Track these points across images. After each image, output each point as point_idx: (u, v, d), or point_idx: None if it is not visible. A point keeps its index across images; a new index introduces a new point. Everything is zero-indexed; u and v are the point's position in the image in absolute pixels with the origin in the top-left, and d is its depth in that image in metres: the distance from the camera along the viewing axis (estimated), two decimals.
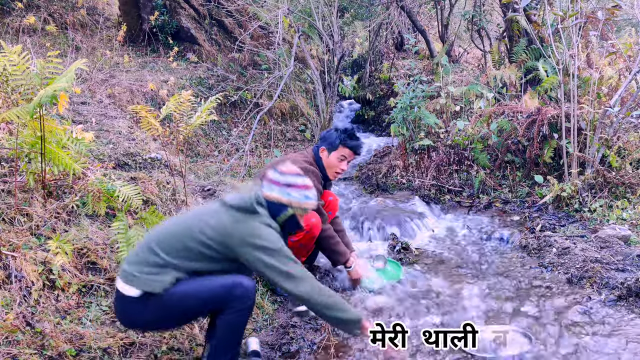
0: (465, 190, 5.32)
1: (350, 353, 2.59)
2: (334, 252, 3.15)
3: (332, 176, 3.19)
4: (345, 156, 3.14)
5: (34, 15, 6.81)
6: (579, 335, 2.63)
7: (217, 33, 9.03)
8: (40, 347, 2.02)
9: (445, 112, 6.22)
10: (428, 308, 3.06)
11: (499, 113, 5.51)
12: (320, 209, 3.09)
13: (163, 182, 3.65)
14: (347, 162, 3.17)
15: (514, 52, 6.78)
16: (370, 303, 3.10)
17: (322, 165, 3.16)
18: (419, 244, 4.24)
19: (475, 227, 4.49)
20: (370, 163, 6.48)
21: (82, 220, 2.82)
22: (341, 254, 3.16)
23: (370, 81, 10.30)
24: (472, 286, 3.35)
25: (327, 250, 3.19)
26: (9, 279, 2.22)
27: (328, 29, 8.11)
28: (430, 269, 3.71)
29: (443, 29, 9.58)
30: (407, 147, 5.84)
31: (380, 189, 5.58)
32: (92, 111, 4.86)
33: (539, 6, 6.35)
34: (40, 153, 2.64)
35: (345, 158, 3.15)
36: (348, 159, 3.16)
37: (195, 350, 2.39)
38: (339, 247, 3.16)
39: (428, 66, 9.39)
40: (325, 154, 3.15)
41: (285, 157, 3.21)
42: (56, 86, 2.39)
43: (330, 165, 3.14)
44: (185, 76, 7.22)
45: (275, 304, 3.02)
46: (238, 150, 6.39)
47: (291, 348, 2.55)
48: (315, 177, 3.03)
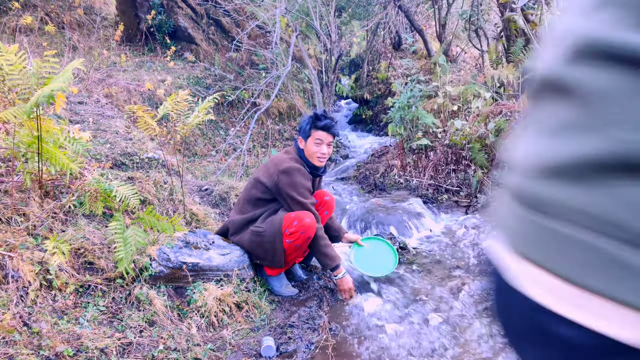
0: (463, 190, 5.33)
1: (348, 353, 2.59)
2: (323, 254, 3.04)
3: (317, 162, 3.09)
4: (320, 139, 3.04)
5: (31, 14, 6.80)
6: None
7: (215, 32, 9.02)
8: (37, 347, 2.01)
9: (443, 111, 6.23)
10: (425, 309, 3.07)
11: (496, 113, 5.52)
12: (311, 208, 3.03)
13: (160, 181, 3.64)
14: (325, 144, 3.06)
15: (512, 51, 6.79)
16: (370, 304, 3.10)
17: (305, 157, 3.09)
18: (417, 243, 4.24)
19: (472, 227, 4.49)
20: (367, 163, 6.49)
21: (79, 220, 2.81)
22: (331, 257, 3.05)
23: (368, 81, 10.31)
24: (469, 286, 3.36)
25: (317, 252, 3.08)
26: (6, 279, 2.21)
27: (326, 29, 8.11)
28: (428, 269, 3.71)
29: (440, 29, 9.60)
30: (405, 147, 5.84)
31: (377, 188, 5.59)
32: (89, 111, 4.85)
33: (537, 6, 6.36)
34: (37, 153, 2.63)
35: (321, 141, 3.05)
36: (325, 141, 3.05)
37: (192, 350, 2.38)
38: (330, 250, 3.05)
39: (426, 66, 9.40)
40: (303, 144, 3.09)
41: (272, 158, 3.17)
42: (53, 86, 2.38)
43: (310, 153, 3.06)
44: (183, 76, 7.21)
45: (273, 304, 3.02)
46: (235, 150, 6.38)
47: (289, 348, 2.55)
48: (301, 175, 2.97)
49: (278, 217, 2.97)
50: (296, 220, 2.90)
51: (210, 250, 2.98)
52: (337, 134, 3.11)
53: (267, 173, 3.05)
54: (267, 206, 3.07)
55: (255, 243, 3.01)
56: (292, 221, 2.91)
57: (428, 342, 2.68)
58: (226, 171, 5.50)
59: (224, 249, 3.04)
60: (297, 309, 2.92)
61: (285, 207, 3.03)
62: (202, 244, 2.99)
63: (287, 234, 2.91)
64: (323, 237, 3.06)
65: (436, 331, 2.79)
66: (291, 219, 2.92)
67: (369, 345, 2.65)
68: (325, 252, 3.03)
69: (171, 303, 2.63)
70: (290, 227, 2.90)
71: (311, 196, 3.06)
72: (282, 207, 3.04)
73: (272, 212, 3.04)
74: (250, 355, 2.46)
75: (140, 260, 2.62)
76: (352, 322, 2.92)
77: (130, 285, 2.55)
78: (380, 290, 3.33)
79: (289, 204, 2.98)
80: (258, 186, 3.07)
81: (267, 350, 2.46)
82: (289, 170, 2.96)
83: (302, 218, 2.89)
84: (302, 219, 2.89)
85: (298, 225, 2.89)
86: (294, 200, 2.95)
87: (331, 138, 3.08)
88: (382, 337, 2.75)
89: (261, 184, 3.05)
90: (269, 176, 3.02)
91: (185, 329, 2.53)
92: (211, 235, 3.18)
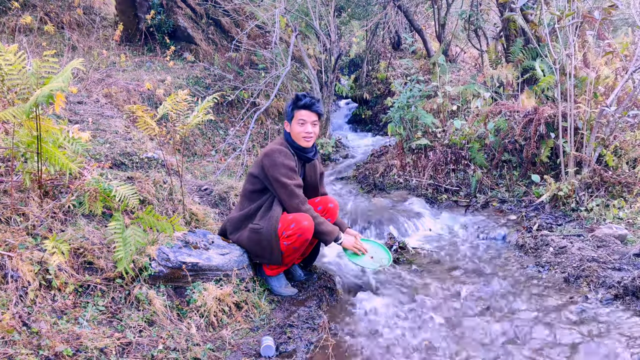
0: (462, 189, 5.33)
1: (347, 353, 2.59)
2: (320, 232, 3.03)
3: (303, 143, 3.08)
4: (303, 119, 3.06)
5: (30, 14, 6.79)
6: (576, 334, 2.63)
7: (214, 32, 9.02)
8: (36, 347, 2.01)
9: (443, 111, 6.23)
10: (425, 309, 3.07)
11: (496, 112, 5.52)
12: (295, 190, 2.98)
13: (160, 181, 3.64)
14: (310, 123, 3.07)
15: (511, 51, 6.79)
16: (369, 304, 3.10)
17: (291, 140, 3.11)
18: (416, 243, 4.24)
19: (472, 227, 4.50)
20: (367, 162, 6.49)
21: (78, 220, 2.81)
22: (328, 233, 3.05)
23: (368, 80, 10.31)
24: (468, 286, 3.36)
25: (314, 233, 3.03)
26: (5, 279, 2.21)
27: (325, 29, 8.11)
28: (427, 269, 3.71)
29: (440, 29, 9.60)
30: (404, 147, 5.84)
31: (377, 188, 5.59)
32: (89, 111, 4.85)
33: (536, 6, 6.37)
34: (37, 153, 2.63)
35: (305, 121, 3.06)
36: (308, 120, 3.06)
37: (191, 350, 2.38)
38: (324, 227, 3.05)
39: (425, 66, 9.41)
40: (288, 127, 3.13)
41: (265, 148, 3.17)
42: (52, 86, 2.38)
43: (295, 134, 3.08)
44: (182, 75, 7.21)
45: (273, 303, 3.02)
46: (235, 150, 6.38)
47: (288, 348, 2.54)
48: (283, 155, 2.99)
49: (274, 213, 2.96)
50: (294, 222, 2.89)
51: (209, 250, 2.98)
52: (320, 111, 3.11)
53: (255, 163, 3.10)
54: (261, 198, 3.06)
55: (253, 241, 3.00)
56: (289, 223, 2.90)
57: (427, 341, 2.68)
58: (226, 171, 5.50)
59: (224, 249, 3.04)
60: (297, 309, 2.92)
61: (274, 194, 3.02)
62: (201, 243, 2.99)
63: (284, 236, 2.90)
64: (314, 217, 3.02)
65: (436, 331, 2.79)
66: (288, 221, 2.91)
67: (369, 345, 2.65)
68: (321, 230, 3.03)
69: (170, 303, 2.63)
70: (287, 230, 2.89)
71: (296, 176, 3.03)
72: (276, 200, 3.01)
73: (267, 208, 3.02)
74: (250, 355, 2.46)
75: (139, 260, 2.62)
76: (352, 321, 2.92)
77: (130, 285, 2.55)
78: (379, 290, 3.33)
79: (275, 188, 2.97)
80: (250, 179, 3.11)
81: (266, 350, 2.47)
82: (270, 152, 3.01)
83: (300, 220, 2.89)
84: (299, 222, 2.88)
85: (295, 227, 2.88)
86: (278, 182, 2.94)
87: (315, 117, 3.09)
88: (381, 336, 2.75)
89: (252, 175, 3.09)
90: (257, 165, 3.07)
91: (184, 328, 2.53)
92: (211, 235, 3.18)
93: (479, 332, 2.76)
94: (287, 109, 3.16)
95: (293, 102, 3.13)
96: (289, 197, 2.97)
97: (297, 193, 2.99)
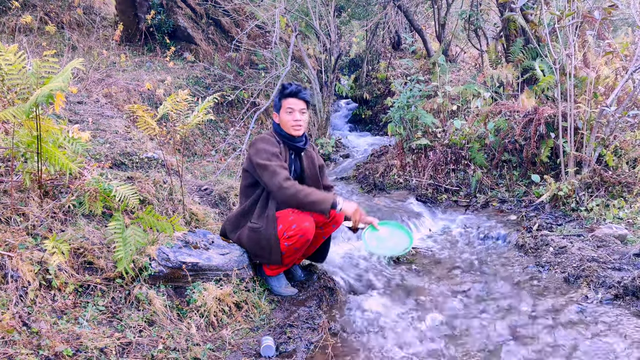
0: (462, 189, 5.33)
1: (347, 352, 2.59)
2: (311, 203, 2.84)
3: (292, 132, 3.05)
4: (291, 107, 3.03)
5: (30, 14, 6.79)
6: (576, 334, 2.64)
7: (214, 32, 9.02)
8: (36, 347, 2.01)
9: (443, 111, 6.23)
10: (425, 308, 3.07)
11: (496, 112, 5.52)
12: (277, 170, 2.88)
13: (160, 181, 3.64)
14: (298, 111, 3.04)
15: (511, 51, 6.79)
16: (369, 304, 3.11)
17: (279, 129, 3.10)
18: (416, 243, 4.24)
19: (472, 227, 4.50)
20: (367, 162, 6.49)
21: (78, 220, 2.81)
22: (321, 202, 2.85)
23: (368, 80, 10.32)
24: (468, 285, 3.36)
25: (307, 207, 2.88)
26: (5, 278, 2.21)
27: (325, 29, 8.11)
28: (427, 268, 3.71)
29: (440, 29, 9.60)
30: (404, 147, 5.84)
31: (377, 188, 5.59)
32: (89, 110, 4.85)
33: (536, 6, 6.36)
34: (37, 153, 2.63)
35: (292, 109, 3.04)
36: (296, 108, 3.04)
37: (191, 350, 2.38)
38: (314, 196, 2.85)
39: (425, 65, 9.40)
40: (277, 118, 3.12)
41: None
42: (52, 85, 2.38)
43: (284, 124, 3.06)
44: (182, 75, 7.21)
45: (273, 303, 3.02)
46: (235, 150, 6.38)
47: (288, 348, 2.54)
48: (265, 142, 2.98)
49: (270, 211, 2.95)
50: (295, 223, 2.88)
51: (209, 250, 2.98)
52: (307, 99, 3.09)
53: (245, 158, 3.12)
54: (255, 192, 3.05)
55: (253, 240, 3.00)
56: (290, 224, 2.89)
57: (427, 341, 2.68)
58: (226, 171, 5.50)
59: (224, 249, 3.04)
60: (297, 309, 2.92)
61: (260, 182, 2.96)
62: (201, 243, 2.99)
63: (285, 237, 2.89)
64: (300, 190, 2.86)
65: (436, 331, 2.80)
66: (289, 221, 2.89)
67: (369, 345, 2.65)
68: (313, 200, 2.85)
69: (170, 303, 2.63)
70: (288, 230, 2.88)
71: (279, 160, 2.94)
72: (271, 195, 2.98)
73: (264, 205, 3.01)
74: (250, 355, 2.46)
75: (139, 260, 2.62)
76: (352, 321, 2.92)
77: (130, 285, 2.55)
78: (379, 290, 3.33)
79: (259, 174, 2.92)
80: (243, 174, 3.14)
81: (266, 350, 2.47)
82: (253, 141, 3.05)
83: (301, 222, 2.88)
84: (300, 223, 2.87)
85: (297, 228, 2.86)
86: (260, 166, 2.88)
87: (302, 104, 3.06)
88: (381, 336, 2.75)
89: (244, 170, 3.12)
90: (246, 159, 3.09)
91: (184, 328, 2.53)
92: (211, 235, 3.18)
93: (479, 332, 2.76)
94: (274, 100, 3.15)
95: (280, 91, 3.11)
96: (271, 177, 2.85)
97: (277, 171, 2.86)
